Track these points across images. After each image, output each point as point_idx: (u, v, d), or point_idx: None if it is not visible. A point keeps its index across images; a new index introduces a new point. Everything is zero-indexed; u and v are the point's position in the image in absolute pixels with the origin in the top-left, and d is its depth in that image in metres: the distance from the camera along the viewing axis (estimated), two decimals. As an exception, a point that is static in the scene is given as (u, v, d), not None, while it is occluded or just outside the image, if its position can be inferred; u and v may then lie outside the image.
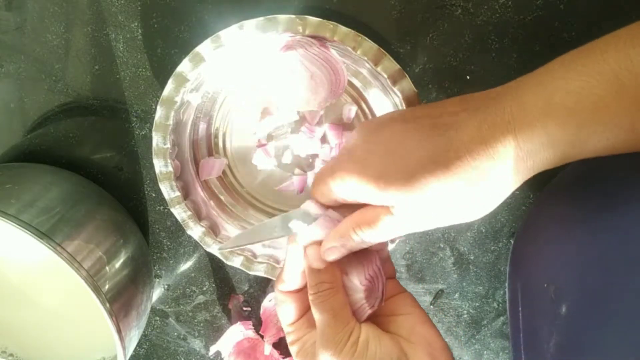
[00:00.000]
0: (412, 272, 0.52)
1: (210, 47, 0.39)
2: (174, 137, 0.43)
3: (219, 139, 0.48)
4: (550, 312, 0.34)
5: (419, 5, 0.43)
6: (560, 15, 0.43)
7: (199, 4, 0.45)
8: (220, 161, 0.48)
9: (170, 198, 0.44)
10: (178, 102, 0.41)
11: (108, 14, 0.46)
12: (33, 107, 0.50)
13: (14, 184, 0.44)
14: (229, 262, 0.46)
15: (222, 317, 0.55)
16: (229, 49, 0.40)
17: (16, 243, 0.49)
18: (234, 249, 0.47)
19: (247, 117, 0.47)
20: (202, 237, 0.45)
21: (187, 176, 0.47)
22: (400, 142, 0.30)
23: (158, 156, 0.43)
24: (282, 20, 0.39)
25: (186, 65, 0.40)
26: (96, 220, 0.45)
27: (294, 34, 0.39)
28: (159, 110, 0.41)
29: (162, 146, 0.43)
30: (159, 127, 0.42)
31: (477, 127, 0.27)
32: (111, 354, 0.49)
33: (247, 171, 0.49)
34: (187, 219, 0.45)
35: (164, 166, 0.43)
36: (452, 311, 0.53)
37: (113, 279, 0.44)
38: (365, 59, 0.39)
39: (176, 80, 0.41)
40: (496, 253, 0.50)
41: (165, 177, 0.44)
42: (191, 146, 0.47)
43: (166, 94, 0.41)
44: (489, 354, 0.54)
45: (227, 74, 0.44)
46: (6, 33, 0.48)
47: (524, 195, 0.48)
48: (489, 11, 0.43)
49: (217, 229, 0.47)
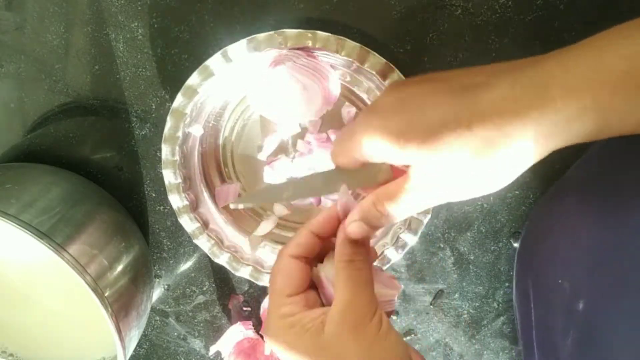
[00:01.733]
0: (412, 272, 0.52)
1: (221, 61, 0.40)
2: (182, 149, 0.44)
3: (227, 150, 0.48)
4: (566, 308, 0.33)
5: (419, 5, 0.43)
6: (560, 15, 0.43)
7: (199, 4, 0.45)
8: (234, 186, 0.48)
9: (179, 208, 0.45)
10: (187, 114, 0.42)
11: (108, 14, 0.46)
12: (33, 107, 0.50)
13: (14, 184, 0.44)
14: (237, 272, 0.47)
15: (222, 317, 0.55)
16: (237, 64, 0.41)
17: (16, 243, 0.49)
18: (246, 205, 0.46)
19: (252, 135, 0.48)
20: (211, 248, 0.46)
21: (196, 188, 0.47)
22: (425, 101, 0.29)
23: (167, 167, 0.43)
24: (262, 38, 0.39)
25: (196, 79, 0.41)
26: (96, 220, 0.45)
27: (279, 49, 0.39)
28: (168, 121, 0.42)
29: (171, 158, 0.43)
30: (169, 139, 0.42)
31: (509, 86, 0.26)
32: (111, 354, 0.49)
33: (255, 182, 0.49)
34: (196, 230, 0.45)
35: (173, 178, 0.44)
36: (452, 311, 0.53)
37: (113, 279, 0.44)
38: (351, 59, 0.39)
39: (186, 93, 0.41)
40: (496, 253, 0.50)
41: (174, 188, 0.44)
42: (200, 158, 0.47)
43: (176, 106, 0.41)
44: (489, 354, 0.54)
45: (235, 88, 0.45)
46: (6, 33, 0.48)
47: (524, 195, 0.48)
48: (489, 11, 0.43)
49: (223, 239, 0.47)
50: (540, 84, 0.25)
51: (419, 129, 0.28)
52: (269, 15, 0.44)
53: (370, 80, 0.43)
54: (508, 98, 0.25)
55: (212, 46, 0.45)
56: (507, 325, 0.52)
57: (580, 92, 0.24)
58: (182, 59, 0.47)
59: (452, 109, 0.27)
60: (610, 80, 0.23)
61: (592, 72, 0.24)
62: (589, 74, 0.24)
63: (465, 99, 0.27)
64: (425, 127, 0.28)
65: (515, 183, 0.47)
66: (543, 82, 0.25)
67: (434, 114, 0.28)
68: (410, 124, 0.28)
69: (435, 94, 0.29)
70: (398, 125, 0.29)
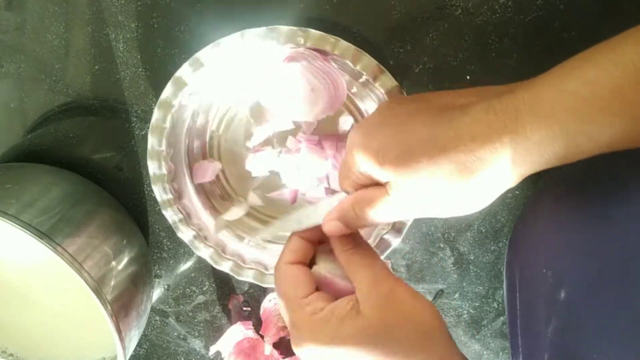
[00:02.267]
0: (412, 272, 0.52)
1: (211, 52, 0.40)
2: (169, 140, 0.43)
3: (214, 143, 0.48)
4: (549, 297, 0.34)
5: (419, 5, 0.43)
6: (560, 15, 0.43)
7: (199, 4, 0.45)
8: (213, 165, 0.48)
9: (163, 200, 0.44)
10: (175, 105, 0.41)
11: (108, 14, 0.46)
12: (33, 107, 0.50)
13: (14, 184, 0.44)
14: (218, 266, 0.46)
15: (222, 317, 0.55)
16: (229, 55, 0.40)
17: (16, 243, 0.49)
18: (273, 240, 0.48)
19: (242, 122, 0.47)
20: (192, 241, 0.46)
21: (181, 179, 0.47)
22: (407, 121, 0.30)
23: (152, 158, 0.43)
24: (284, 31, 0.39)
25: (185, 70, 0.40)
26: (96, 220, 0.45)
27: (295, 46, 0.39)
28: (156, 112, 0.41)
29: (157, 148, 0.43)
30: (155, 130, 0.42)
31: (484, 112, 0.26)
32: (111, 354, 0.49)
33: (241, 177, 0.49)
34: (178, 222, 0.45)
35: (158, 168, 0.43)
36: (452, 311, 0.53)
37: (113, 279, 0.44)
38: (364, 73, 0.39)
39: (175, 84, 0.41)
40: (496, 253, 0.50)
41: (158, 179, 0.44)
42: (187, 150, 0.47)
43: (164, 97, 0.41)
44: (489, 354, 0.54)
45: (225, 79, 0.44)
46: (6, 33, 0.48)
47: (524, 195, 0.48)
48: (489, 11, 0.43)
49: (207, 233, 0.47)
50: (512, 109, 0.25)
51: (397, 149, 0.29)
52: (270, 16, 0.44)
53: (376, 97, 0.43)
54: (482, 123, 0.26)
55: (212, 46, 0.45)
56: (507, 325, 0.52)
57: (547, 119, 0.25)
58: (182, 59, 0.46)
59: (428, 130, 0.28)
60: (573, 106, 0.24)
61: (557, 98, 0.24)
62: (554, 101, 0.24)
63: (442, 120, 0.28)
64: (404, 148, 0.29)
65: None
66: (514, 108, 0.25)
67: (413, 136, 0.29)
68: (390, 144, 0.29)
69: (415, 114, 0.30)
70: (378, 144, 0.30)
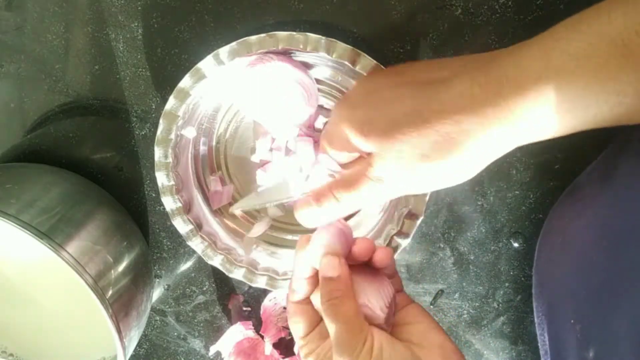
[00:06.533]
0: (412, 272, 0.52)
1: (211, 62, 0.40)
2: (175, 151, 0.44)
3: (220, 152, 0.48)
4: (577, 354, 0.33)
5: (419, 5, 0.43)
6: (560, 15, 0.43)
7: (199, 4, 0.45)
8: (228, 188, 0.48)
9: (172, 210, 0.44)
10: (180, 116, 0.41)
11: (108, 14, 0.46)
12: (33, 107, 0.50)
13: (14, 184, 0.44)
14: (231, 274, 0.46)
15: (222, 317, 0.55)
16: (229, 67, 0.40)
17: (16, 243, 0.49)
18: (245, 208, 0.47)
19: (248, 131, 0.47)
20: (205, 250, 0.46)
21: (189, 189, 0.47)
22: (390, 93, 0.30)
23: (160, 170, 0.43)
24: (253, 41, 0.39)
25: (187, 81, 0.40)
26: (96, 221, 0.45)
27: (253, 54, 0.40)
28: (161, 123, 0.42)
29: (164, 160, 0.43)
30: (161, 141, 0.42)
31: (468, 85, 0.26)
32: (111, 354, 0.49)
33: (248, 184, 0.49)
34: (189, 232, 0.45)
35: (166, 180, 0.44)
36: (452, 311, 0.53)
37: (113, 279, 0.44)
38: (344, 61, 0.39)
39: (178, 95, 0.41)
40: (496, 253, 0.50)
41: (167, 190, 0.44)
42: (193, 160, 0.47)
43: (168, 108, 0.41)
44: (489, 354, 0.54)
45: (228, 90, 0.45)
46: (6, 33, 0.48)
47: (524, 195, 0.48)
48: (489, 11, 0.43)
49: (217, 241, 0.47)
50: (495, 83, 0.25)
51: (383, 121, 0.29)
52: (270, 16, 0.44)
53: None
54: (466, 95, 0.26)
55: (213, 46, 0.45)
56: (507, 325, 0.52)
57: (529, 93, 0.24)
58: (182, 59, 0.47)
59: (413, 102, 0.28)
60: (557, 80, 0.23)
61: (540, 72, 0.24)
62: (537, 76, 0.24)
63: (427, 94, 0.28)
64: (389, 120, 0.28)
65: (516, 183, 0.47)
66: (498, 82, 0.25)
67: (396, 107, 0.28)
68: (375, 116, 0.29)
69: (399, 86, 0.30)
70: (363, 117, 0.30)
